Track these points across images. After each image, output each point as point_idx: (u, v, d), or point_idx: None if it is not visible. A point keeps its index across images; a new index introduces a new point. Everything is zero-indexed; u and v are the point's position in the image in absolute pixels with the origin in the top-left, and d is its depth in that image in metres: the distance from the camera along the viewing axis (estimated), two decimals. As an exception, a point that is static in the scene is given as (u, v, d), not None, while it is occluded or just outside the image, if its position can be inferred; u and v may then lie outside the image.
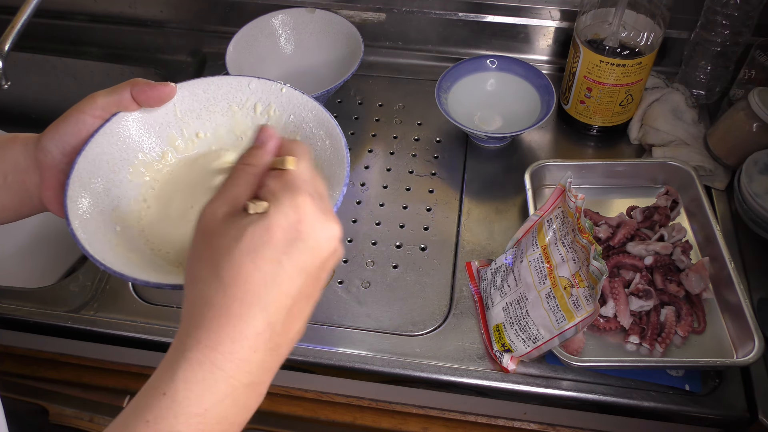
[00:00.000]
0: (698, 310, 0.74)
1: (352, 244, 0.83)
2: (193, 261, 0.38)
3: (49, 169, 0.49)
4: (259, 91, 0.56)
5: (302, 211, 0.37)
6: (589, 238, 0.65)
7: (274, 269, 0.36)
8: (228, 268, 0.36)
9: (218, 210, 0.38)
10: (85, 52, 1.13)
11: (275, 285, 0.36)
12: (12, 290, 0.81)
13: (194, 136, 0.56)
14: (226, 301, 0.36)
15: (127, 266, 0.46)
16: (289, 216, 0.37)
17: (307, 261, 0.37)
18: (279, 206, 0.37)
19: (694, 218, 0.82)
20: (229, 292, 0.36)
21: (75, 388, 0.94)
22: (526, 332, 0.69)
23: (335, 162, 0.51)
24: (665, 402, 0.69)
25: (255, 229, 0.36)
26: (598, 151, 0.93)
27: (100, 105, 0.50)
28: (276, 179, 0.39)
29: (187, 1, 1.09)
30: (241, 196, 0.39)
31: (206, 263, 0.37)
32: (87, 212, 0.48)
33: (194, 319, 0.36)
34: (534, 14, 1.00)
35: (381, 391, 0.83)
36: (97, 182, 0.50)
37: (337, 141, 0.52)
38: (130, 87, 0.50)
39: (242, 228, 0.36)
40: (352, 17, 1.04)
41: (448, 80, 0.93)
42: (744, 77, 0.90)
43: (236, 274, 0.36)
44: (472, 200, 0.88)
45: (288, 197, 0.37)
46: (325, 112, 0.54)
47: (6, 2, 1.02)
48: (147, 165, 0.54)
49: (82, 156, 0.49)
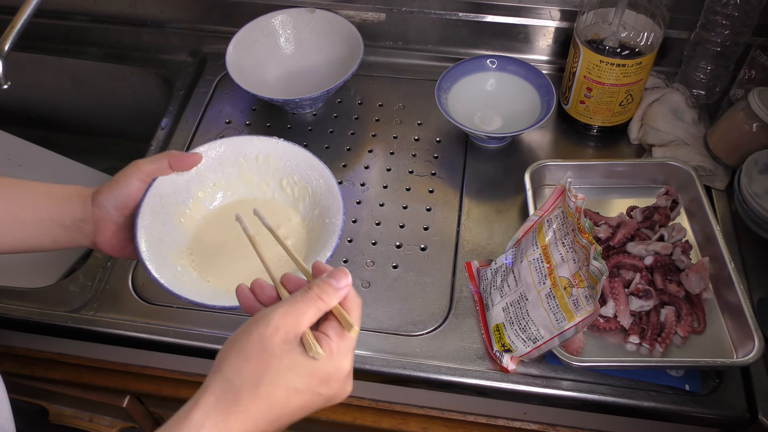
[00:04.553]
0: (698, 310, 0.74)
1: (352, 244, 0.83)
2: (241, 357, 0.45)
3: (103, 221, 0.61)
4: (260, 145, 0.69)
5: (340, 372, 0.46)
6: (589, 238, 0.65)
7: (297, 402, 0.45)
8: (269, 385, 0.44)
9: (280, 328, 0.44)
10: (85, 52, 1.13)
11: (290, 410, 0.45)
12: (12, 290, 0.81)
13: (211, 185, 0.68)
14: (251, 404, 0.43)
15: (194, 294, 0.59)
16: (330, 371, 0.45)
17: (319, 406, 0.46)
18: (330, 361, 0.45)
19: (694, 218, 0.82)
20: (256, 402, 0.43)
21: (75, 388, 0.94)
22: (526, 332, 0.69)
23: (330, 195, 0.66)
24: (665, 402, 0.69)
25: (304, 369, 0.44)
26: (598, 151, 0.93)
27: (144, 171, 0.62)
28: (338, 337, 0.46)
29: (187, 1, 1.09)
30: (303, 325, 0.45)
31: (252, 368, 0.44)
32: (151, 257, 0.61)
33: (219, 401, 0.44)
34: (534, 14, 1.00)
35: (381, 391, 0.83)
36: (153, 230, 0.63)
37: (328, 179, 0.67)
38: (168, 158, 0.63)
39: (295, 364, 0.44)
40: (352, 17, 1.04)
41: (448, 80, 0.93)
42: (744, 77, 0.90)
43: (271, 393, 0.44)
44: (472, 200, 0.88)
45: (339, 360, 0.45)
46: (314, 157, 0.68)
47: (6, 2, 1.02)
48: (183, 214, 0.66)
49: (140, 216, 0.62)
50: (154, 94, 1.14)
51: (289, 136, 0.97)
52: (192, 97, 1.02)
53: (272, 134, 0.96)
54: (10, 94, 1.20)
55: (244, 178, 0.70)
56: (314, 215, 0.69)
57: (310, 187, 0.69)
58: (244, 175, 0.69)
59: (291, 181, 0.69)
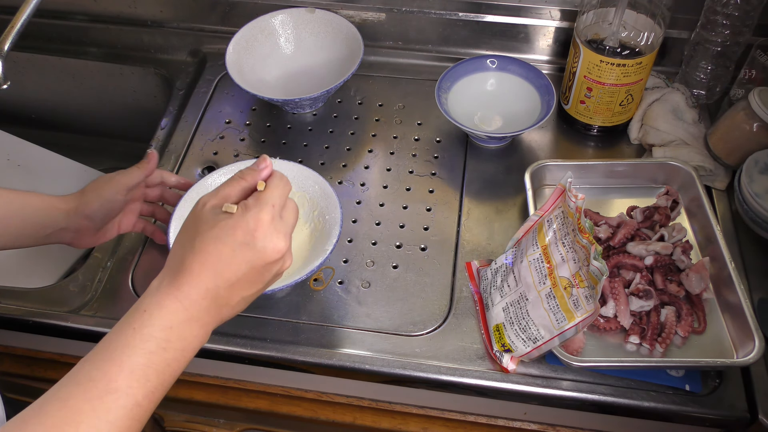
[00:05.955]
0: (698, 310, 0.74)
1: (352, 244, 0.83)
2: (181, 232, 0.54)
3: (88, 228, 0.73)
4: None
5: (260, 223, 0.52)
6: (589, 238, 0.65)
7: (228, 254, 0.51)
8: (199, 242, 0.52)
9: (208, 202, 0.54)
10: (85, 52, 1.13)
11: (226, 264, 0.51)
12: (12, 290, 0.81)
13: None
14: (192, 262, 0.51)
15: None
16: (249, 223, 0.52)
17: (253, 258, 0.52)
18: (245, 214, 0.52)
19: (694, 218, 0.82)
20: (195, 257, 0.51)
21: (75, 388, 0.93)
22: (526, 332, 0.69)
23: (325, 195, 0.77)
24: (665, 402, 0.69)
25: (224, 223, 0.52)
26: (598, 151, 0.93)
27: (125, 185, 0.75)
28: (253, 196, 0.54)
29: (187, 1, 1.09)
30: (228, 197, 0.54)
31: (188, 236, 0.53)
32: None
33: (169, 269, 0.52)
34: (534, 14, 1.00)
35: (381, 391, 0.83)
36: None
37: (322, 183, 0.77)
38: (137, 168, 0.77)
39: (217, 220, 0.52)
40: (352, 17, 1.04)
41: (448, 80, 0.93)
42: (744, 77, 0.90)
43: (203, 248, 0.51)
44: (472, 200, 0.88)
45: (253, 210, 0.52)
46: (307, 168, 0.78)
47: (6, 2, 1.02)
48: None
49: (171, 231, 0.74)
50: (154, 94, 1.14)
51: (289, 136, 0.97)
52: (192, 97, 1.02)
53: (272, 134, 0.98)
54: (10, 94, 1.20)
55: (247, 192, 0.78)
56: (314, 216, 0.78)
57: (307, 194, 0.78)
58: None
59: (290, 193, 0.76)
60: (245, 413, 0.92)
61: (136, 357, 0.48)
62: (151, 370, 0.48)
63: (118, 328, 0.50)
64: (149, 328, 0.49)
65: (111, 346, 0.49)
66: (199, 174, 0.92)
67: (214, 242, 0.51)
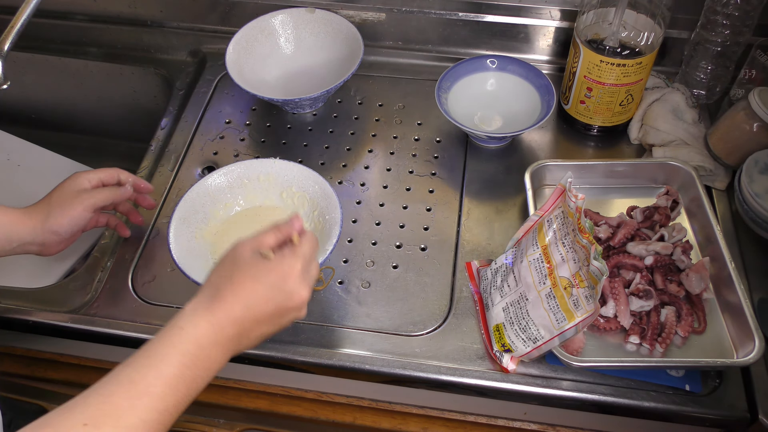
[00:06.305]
0: (698, 310, 0.74)
1: (352, 244, 0.83)
2: (219, 265, 0.60)
3: (55, 241, 0.76)
4: (261, 166, 0.81)
5: (292, 271, 0.59)
6: (589, 238, 0.65)
7: (260, 292, 0.57)
8: (238, 276, 0.58)
9: (248, 246, 0.60)
10: (85, 52, 1.12)
11: (256, 300, 0.57)
12: (12, 290, 0.81)
13: (223, 205, 0.81)
14: (227, 293, 0.57)
15: None
16: (285, 269, 0.59)
17: (280, 300, 0.58)
18: (282, 261, 0.59)
19: (694, 218, 0.82)
20: (231, 289, 0.57)
21: (75, 388, 0.93)
22: (526, 332, 0.69)
23: (325, 195, 0.78)
24: (665, 402, 0.69)
25: (263, 266, 0.58)
26: (598, 151, 0.93)
27: (91, 204, 0.76)
28: (290, 248, 0.61)
29: (187, 1, 1.09)
30: (264, 245, 0.60)
31: (227, 270, 0.59)
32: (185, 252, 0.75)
33: (205, 296, 0.58)
34: (534, 14, 1.00)
35: (381, 391, 0.83)
36: (183, 237, 0.77)
37: (322, 183, 0.78)
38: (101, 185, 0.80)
39: (255, 261, 0.59)
40: (352, 17, 1.04)
41: (448, 80, 0.93)
42: (744, 77, 0.90)
43: (240, 282, 0.58)
44: (472, 200, 0.88)
45: (289, 259, 0.59)
46: (307, 169, 0.80)
47: (6, 2, 1.02)
48: (204, 229, 0.80)
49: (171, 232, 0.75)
50: (153, 94, 1.14)
51: (289, 136, 0.97)
52: (192, 97, 1.02)
53: (272, 134, 0.98)
54: (10, 94, 1.20)
55: (249, 196, 0.82)
56: (314, 216, 0.79)
57: (308, 194, 0.80)
58: (249, 194, 0.82)
59: (290, 192, 0.81)
60: (245, 413, 0.92)
61: (171, 368, 0.53)
62: (181, 381, 0.53)
63: (156, 340, 0.55)
64: (185, 344, 0.54)
65: (149, 353, 0.54)
66: (199, 174, 0.92)
67: (252, 280, 0.57)
